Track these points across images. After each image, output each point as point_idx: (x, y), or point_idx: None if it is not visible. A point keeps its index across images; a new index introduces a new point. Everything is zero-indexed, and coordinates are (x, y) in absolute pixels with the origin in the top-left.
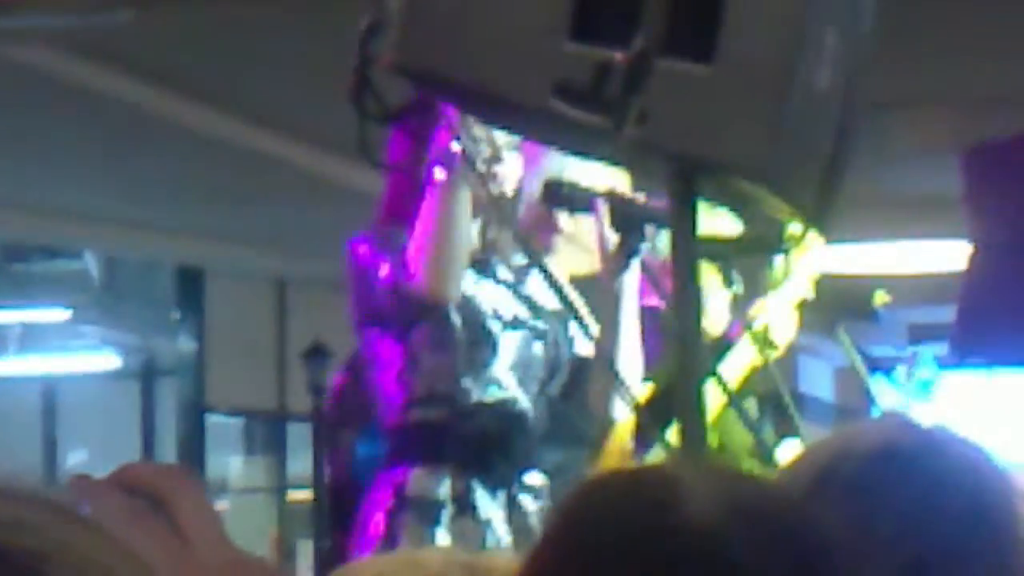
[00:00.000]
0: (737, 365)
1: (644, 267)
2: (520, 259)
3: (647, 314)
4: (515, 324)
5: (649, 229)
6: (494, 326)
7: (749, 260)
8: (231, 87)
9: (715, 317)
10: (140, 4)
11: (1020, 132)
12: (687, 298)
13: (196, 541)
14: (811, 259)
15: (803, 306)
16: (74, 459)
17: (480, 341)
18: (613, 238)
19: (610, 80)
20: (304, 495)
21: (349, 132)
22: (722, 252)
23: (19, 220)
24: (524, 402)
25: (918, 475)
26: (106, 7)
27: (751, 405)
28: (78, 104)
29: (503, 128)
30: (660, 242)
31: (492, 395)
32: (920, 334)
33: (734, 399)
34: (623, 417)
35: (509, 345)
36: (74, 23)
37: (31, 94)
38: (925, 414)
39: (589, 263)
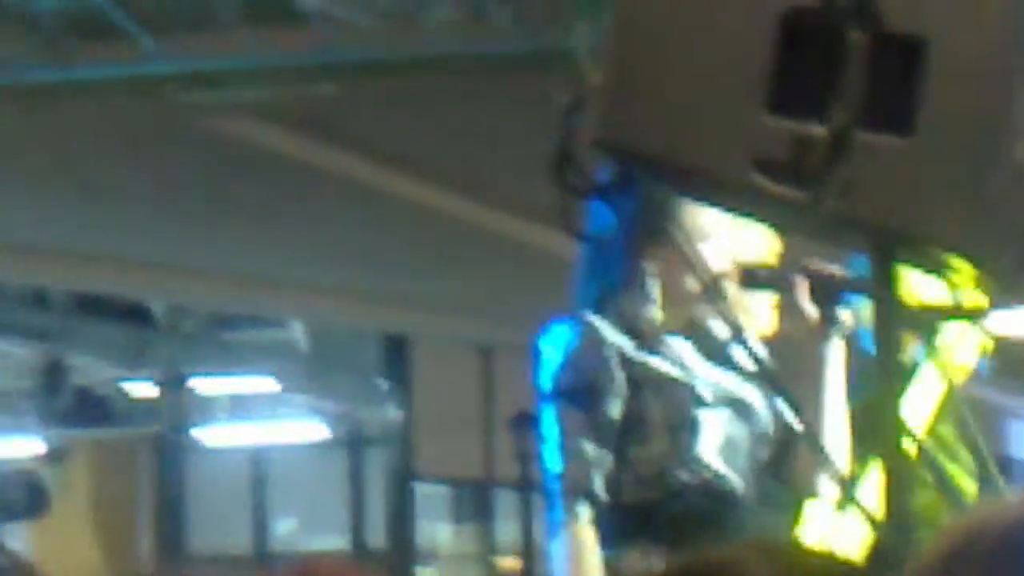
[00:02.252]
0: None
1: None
2: (723, 335)
3: None
4: (718, 403)
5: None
6: (695, 407)
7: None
8: (436, 156)
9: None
10: (346, 77)
11: None
12: (890, 367)
13: None
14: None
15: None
16: (284, 527)
17: (682, 424)
18: (812, 312)
19: (811, 153)
20: (512, 562)
21: (553, 200)
22: (926, 319)
23: (228, 289)
24: (733, 480)
25: None
26: (312, 80)
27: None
28: (286, 175)
29: (705, 201)
30: (862, 312)
31: (699, 475)
32: None
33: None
34: (828, 493)
35: (714, 424)
36: (281, 96)
37: (239, 166)
38: None
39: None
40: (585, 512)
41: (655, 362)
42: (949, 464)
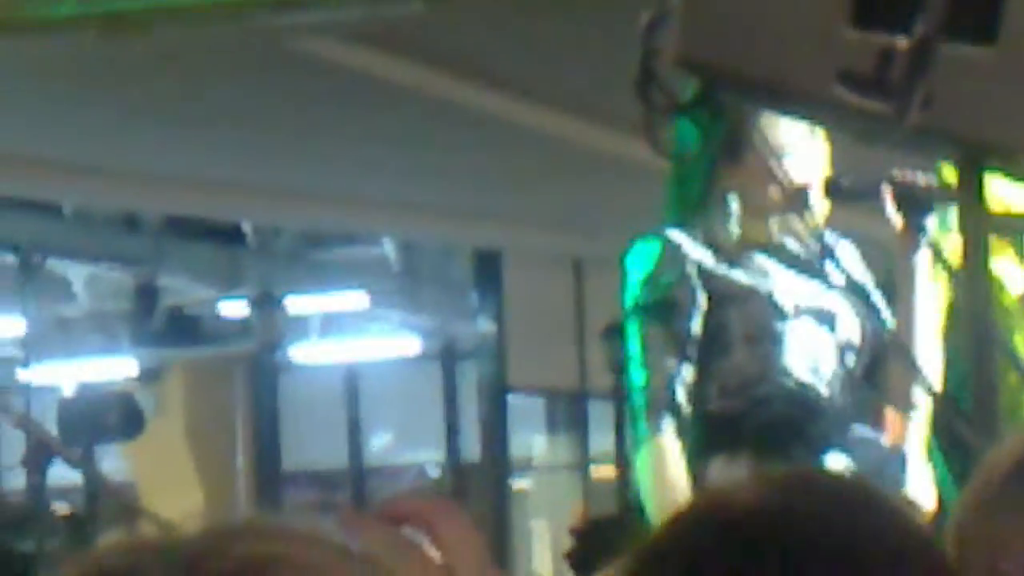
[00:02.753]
0: None
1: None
2: (808, 246)
3: None
4: (801, 314)
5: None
6: (777, 318)
7: None
8: (522, 71)
9: (1011, 288)
10: None
11: None
12: (978, 275)
13: (461, 572)
14: None
15: None
16: (378, 442)
17: (763, 335)
18: (899, 222)
19: (893, 66)
20: (608, 471)
21: (639, 117)
22: (1016, 226)
23: (318, 208)
24: (818, 388)
25: None
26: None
27: None
28: (372, 95)
29: (787, 116)
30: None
31: (783, 384)
32: None
33: None
34: (921, 403)
35: (797, 334)
36: (365, 15)
37: (324, 87)
38: None
39: None
40: (669, 424)
41: (736, 275)
42: None
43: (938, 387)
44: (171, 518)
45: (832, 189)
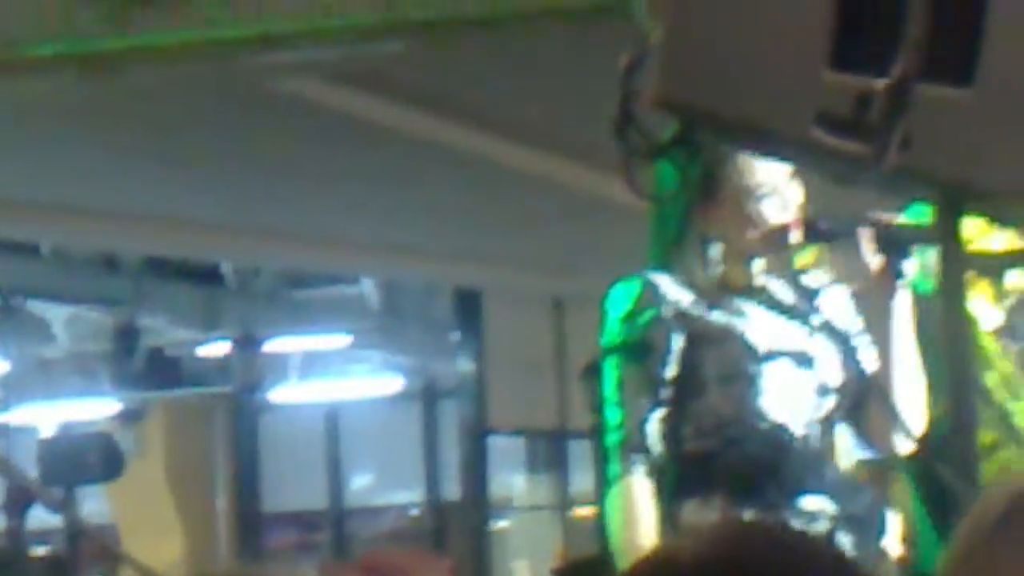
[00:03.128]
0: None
1: None
2: (786, 289)
3: None
4: (778, 355)
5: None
6: (754, 360)
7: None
8: (503, 111)
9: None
10: (410, 34)
11: None
12: (955, 317)
13: None
14: None
15: None
16: (359, 482)
17: (738, 376)
18: (877, 263)
19: (871, 108)
20: (588, 511)
21: (618, 159)
22: (994, 266)
23: (298, 249)
24: (794, 429)
25: None
26: (375, 38)
27: None
28: (354, 135)
29: (766, 157)
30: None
31: (758, 425)
32: None
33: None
34: (902, 447)
35: (773, 376)
36: (347, 55)
37: (305, 126)
38: None
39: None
40: (640, 465)
41: (713, 316)
42: (1011, 403)
43: (917, 432)
44: (152, 562)
45: (811, 231)
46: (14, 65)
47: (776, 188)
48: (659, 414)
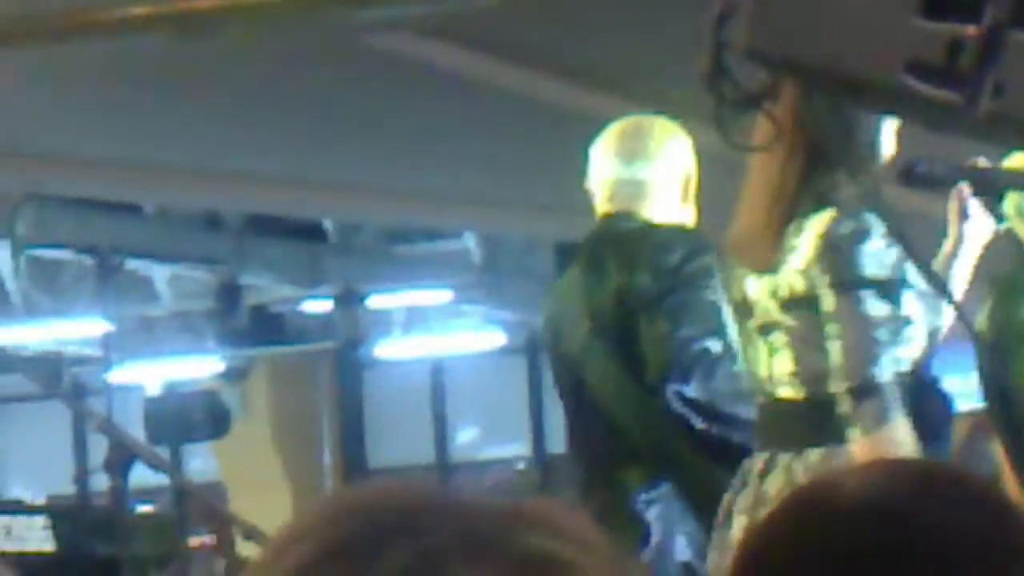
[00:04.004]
0: None
1: None
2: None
3: None
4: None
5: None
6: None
7: None
8: (595, 63)
9: None
10: None
11: None
12: None
13: None
14: None
15: None
16: (464, 437)
17: (900, 330)
18: (977, 208)
19: (963, 55)
20: None
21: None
22: None
23: (400, 205)
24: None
25: None
26: None
27: None
28: (451, 89)
29: (857, 106)
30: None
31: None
32: None
33: None
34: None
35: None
36: (442, 9)
37: (403, 81)
38: None
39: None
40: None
41: None
42: None
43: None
44: (258, 519)
45: (908, 174)
46: (112, 25)
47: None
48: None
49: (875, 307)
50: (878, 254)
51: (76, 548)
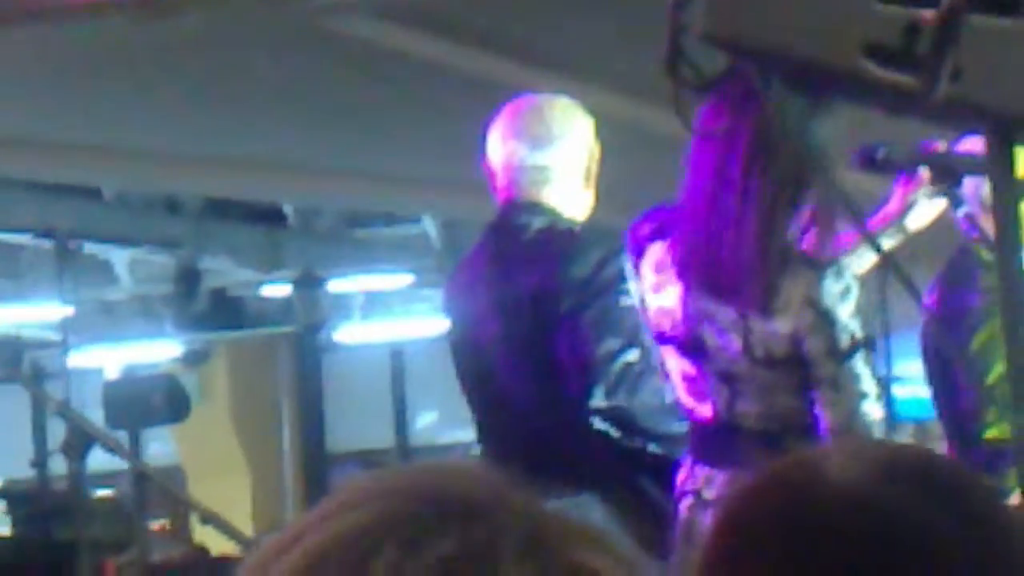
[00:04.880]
0: None
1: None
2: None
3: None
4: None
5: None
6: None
7: None
8: (553, 46)
9: None
10: None
11: None
12: (1009, 245)
13: None
14: None
15: None
16: (423, 421)
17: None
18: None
19: (920, 39)
20: None
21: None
22: None
23: (358, 187)
24: None
25: None
26: None
27: None
28: (407, 73)
29: (815, 91)
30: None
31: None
32: None
33: None
34: None
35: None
36: None
37: (365, 66)
38: None
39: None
40: None
41: None
42: None
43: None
44: (218, 503)
45: (865, 159)
46: (69, 11)
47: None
48: None
49: (863, 372)
50: (858, 311)
51: (34, 531)
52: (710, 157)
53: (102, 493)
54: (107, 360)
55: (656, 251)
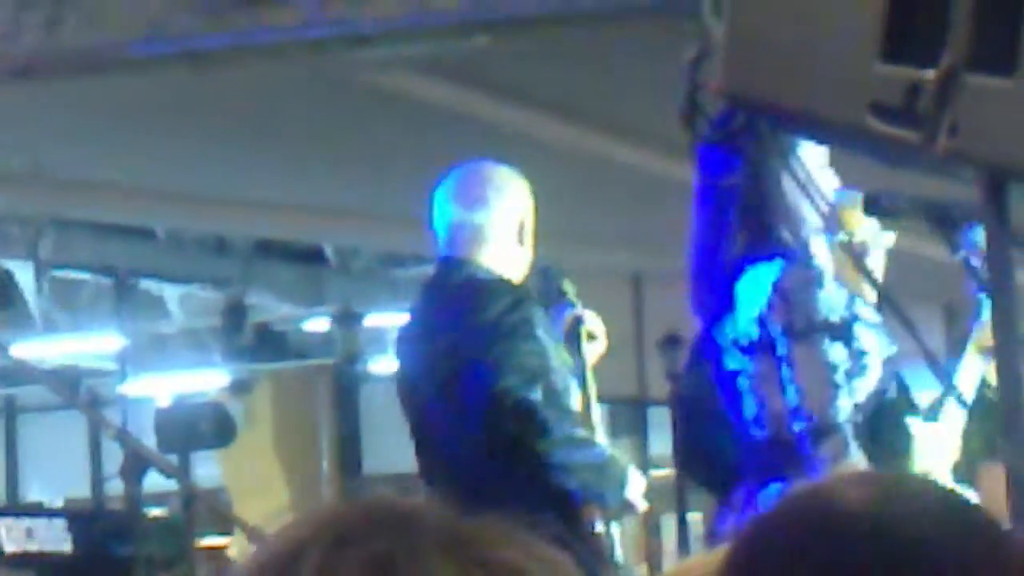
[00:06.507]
0: None
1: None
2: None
3: None
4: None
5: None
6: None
7: None
8: (582, 99)
9: None
10: (494, 31)
11: None
12: (1005, 294)
13: None
14: None
15: None
16: None
17: (856, 366)
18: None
19: (921, 97)
20: (666, 473)
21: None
22: None
23: (393, 230)
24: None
25: None
26: (463, 35)
27: None
28: (441, 123)
29: (824, 144)
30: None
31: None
32: None
33: None
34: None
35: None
36: (434, 49)
37: (397, 115)
38: None
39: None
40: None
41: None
42: None
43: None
44: (259, 522)
45: (871, 207)
46: (125, 63)
47: (820, 173)
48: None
49: (830, 350)
50: (828, 299)
51: (92, 549)
52: (713, 206)
53: (155, 512)
54: (159, 388)
55: None
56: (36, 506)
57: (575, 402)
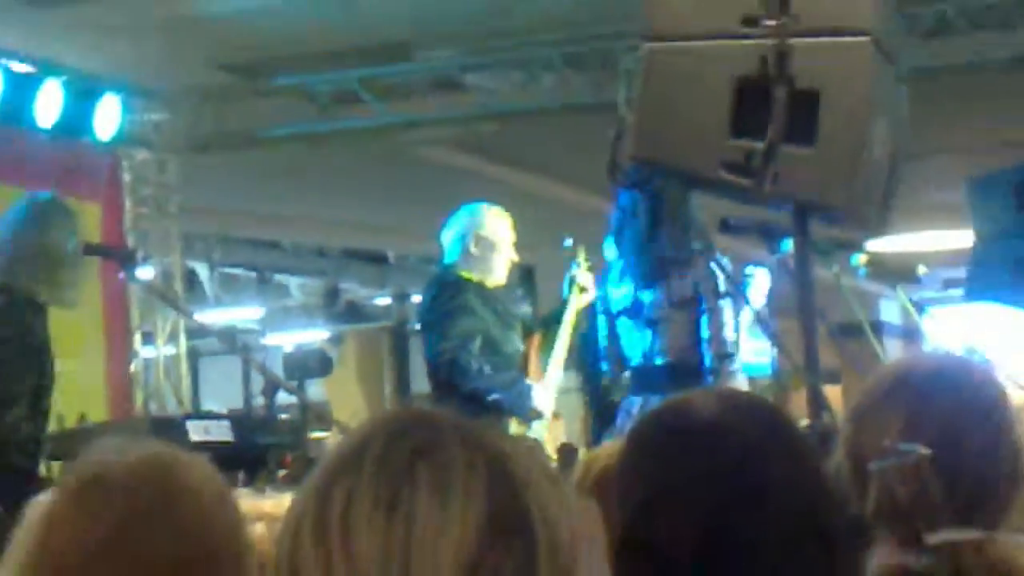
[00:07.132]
0: None
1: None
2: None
3: None
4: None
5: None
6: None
7: None
8: (579, 168)
9: None
10: (500, 120)
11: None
12: (807, 287)
13: None
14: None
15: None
16: None
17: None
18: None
19: (755, 159)
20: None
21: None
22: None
23: (428, 242)
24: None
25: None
26: (478, 123)
27: None
28: (470, 187)
29: (696, 189)
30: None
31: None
32: (950, 283)
33: None
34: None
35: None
36: (461, 131)
37: (430, 174)
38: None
39: None
40: None
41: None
42: None
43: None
44: (345, 423)
45: (726, 226)
46: (266, 139)
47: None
48: None
49: (725, 308)
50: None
51: (244, 440)
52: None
53: (284, 416)
54: (285, 340)
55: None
56: (209, 413)
57: (511, 347)
